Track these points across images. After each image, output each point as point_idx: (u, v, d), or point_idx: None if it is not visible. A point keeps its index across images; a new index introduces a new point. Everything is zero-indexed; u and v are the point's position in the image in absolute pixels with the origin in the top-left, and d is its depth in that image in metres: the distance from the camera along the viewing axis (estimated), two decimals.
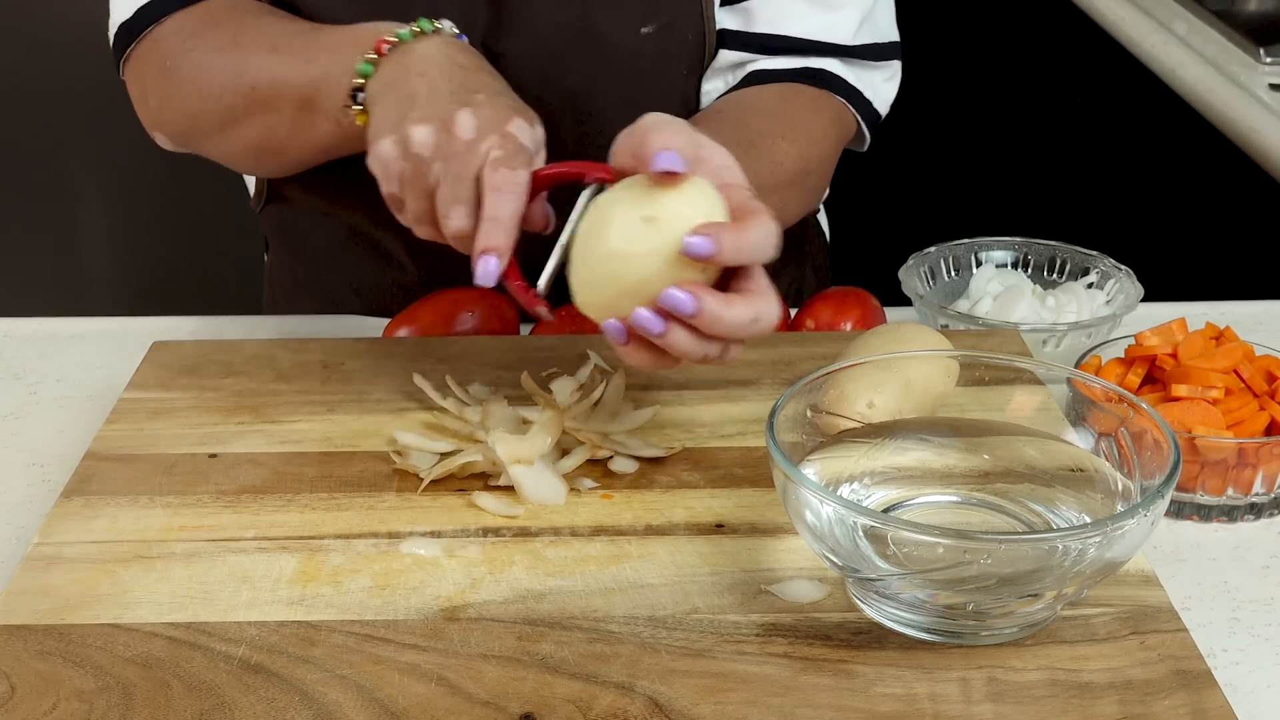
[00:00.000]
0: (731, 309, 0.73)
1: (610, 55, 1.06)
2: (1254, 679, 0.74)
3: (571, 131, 1.08)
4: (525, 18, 1.05)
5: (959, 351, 0.86)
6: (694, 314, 0.72)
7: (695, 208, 0.73)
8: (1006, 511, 0.76)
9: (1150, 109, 1.80)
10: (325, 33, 0.96)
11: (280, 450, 0.87)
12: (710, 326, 0.73)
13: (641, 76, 1.08)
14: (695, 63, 1.09)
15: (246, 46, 0.99)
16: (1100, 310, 1.06)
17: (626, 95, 1.08)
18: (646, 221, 0.73)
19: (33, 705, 0.67)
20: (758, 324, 0.74)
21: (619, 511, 0.81)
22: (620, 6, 1.05)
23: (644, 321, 0.73)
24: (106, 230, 2.55)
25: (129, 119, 1.06)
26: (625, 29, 1.06)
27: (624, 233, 0.73)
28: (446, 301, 1.05)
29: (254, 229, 1.31)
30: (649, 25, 1.05)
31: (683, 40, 1.07)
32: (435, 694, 0.68)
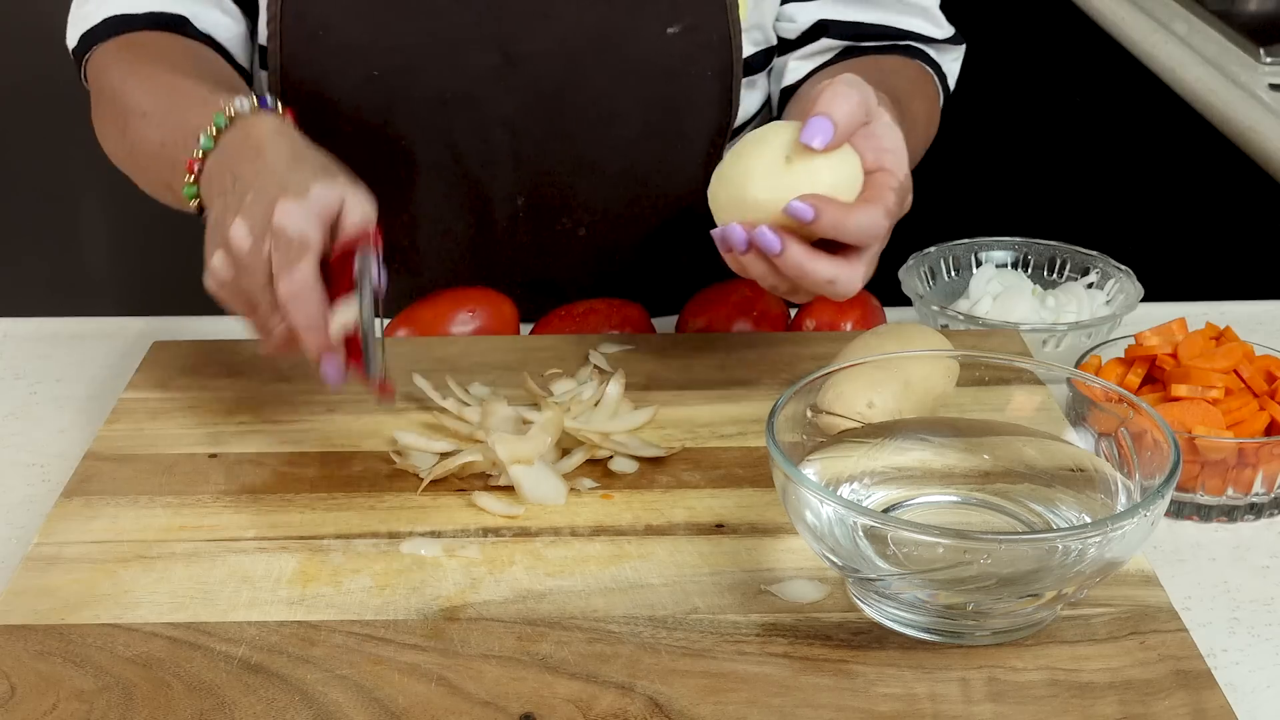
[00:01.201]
0: (814, 263, 0.81)
1: (633, 57, 1.07)
2: (1254, 679, 0.74)
3: (592, 131, 1.09)
4: (547, 20, 1.05)
5: (959, 351, 0.86)
6: (776, 255, 0.81)
7: (830, 173, 0.81)
8: (1006, 511, 0.76)
9: (1150, 109, 1.80)
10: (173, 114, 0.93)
11: (280, 450, 0.87)
12: (789, 270, 0.81)
13: (667, 78, 1.08)
14: (723, 65, 1.08)
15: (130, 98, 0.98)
16: (1100, 310, 1.06)
17: (650, 96, 1.08)
18: (786, 160, 0.81)
19: (33, 705, 0.67)
20: (833, 286, 0.82)
21: (619, 511, 0.81)
22: (644, 8, 1.05)
23: (732, 234, 0.82)
24: (106, 230, 2.55)
25: None
26: (649, 30, 1.06)
27: (766, 160, 0.82)
28: (446, 301, 1.05)
29: None
30: (674, 26, 1.06)
31: (707, 42, 1.07)
32: (435, 694, 0.68)
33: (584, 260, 1.16)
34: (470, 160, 1.10)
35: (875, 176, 0.83)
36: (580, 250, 1.15)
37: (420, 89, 1.06)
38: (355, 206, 0.80)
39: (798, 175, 0.81)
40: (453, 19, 1.04)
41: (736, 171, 0.83)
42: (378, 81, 1.06)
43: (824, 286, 0.82)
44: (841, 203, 0.80)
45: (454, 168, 1.10)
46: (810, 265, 0.81)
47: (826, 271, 0.81)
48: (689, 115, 1.10)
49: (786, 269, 0.81)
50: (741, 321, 1.04)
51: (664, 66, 1.07)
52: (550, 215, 1.13)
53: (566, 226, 1.14)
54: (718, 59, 1.08)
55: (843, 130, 0.81)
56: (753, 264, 0.83)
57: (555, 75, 1.06)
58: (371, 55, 1.05)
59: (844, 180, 0.81)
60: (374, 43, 1.05)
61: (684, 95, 1.09)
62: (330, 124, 1.08)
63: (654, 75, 1.07)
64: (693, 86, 1.09)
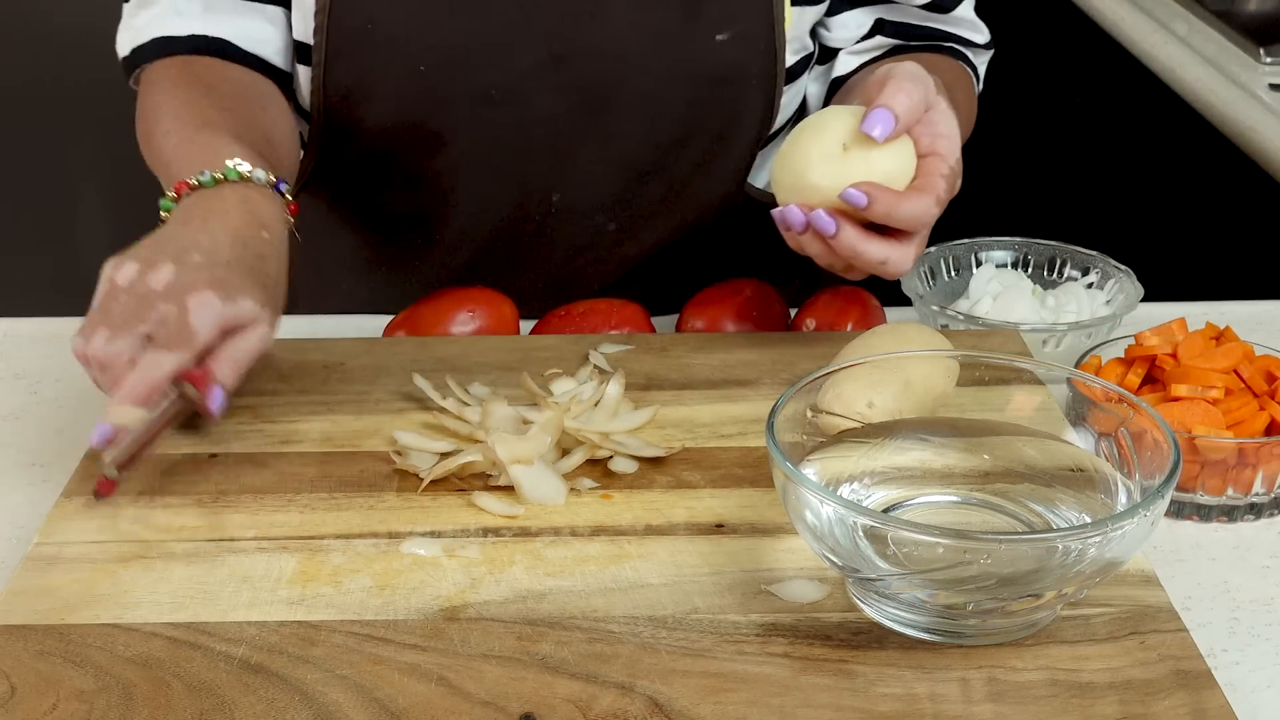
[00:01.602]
0: (867, 245, 0.87)
1: (682, 60, 1.07)
2: (1254, 679, 0.74)
3: (634, 132, 1.10)
4: (596, 19, 1.05)
5: (959, 351, 0.86)
6: (831, 236, 0.87)
7: (884, 161, 0.87)
8: (1006, 511, 0.76)
9: (1150, 109, 1.80)
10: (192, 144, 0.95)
11: (280, 450, 0.87)
12: (843, 251, 0.87)
13: (713, 83, 1.09)
14: (768, 73, 1.09)
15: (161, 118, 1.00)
16: (1100, 310, 1.06)
17: (695, 100, 1.09)
18: (844, 147, 0.87)
19: (33, 705, 0.67)
20: (885, 266, 0.88)
21: (619, 511, 0.81)
22: (696, 13, 1.06)
23: (791, 215, 0.88)
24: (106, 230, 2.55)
25: (129, 120, 1.06)
26: (700, 36, 1.06)
27: (825, 145, 0.87)
28: (446, 301, 1.05)
29: None
30: (723, 33, 1.07)
31: (754, 50, 1.08)
32: (435, 694, 0.68)
33: (610, 256, 1.17)
34: (509, 155, 1.10)
35: (927, 161, 0.88)
36: (608, 245, 1.16)
37: (465, 84, 1.06)
38: (255, 339, 0.83)
39: (854, 162, 0.86)
40: (501, 15, 1.04)
41: (796, 156, 0.88)
42: (423, 77, 1.06)
43: (876, 266, 0.88)
44: (894, 191, 0.86)
45: (492, 162, 1.11)
46: (863, 247, 0.87)
47: (879, 253, 0.87)
48: (731, 121, 1.11)
49: (841, 249, 0.87)
50: (741, 321, 1.04)
51: (711, 72, 1.08)
52: (583, 212, 1.14)
53: (598, 222, 1.14)
54: (763, 67, 1.09)
55: (903, 124, 0.86)
56: (810, 243, 0.89)
57: (601, 75, 1.07)
58: (419, 51, 1.05)
59: (897, 168, 0.87)
60: (422, 38, 1.05)
61: (729, 101, 1.10)
62: (370, 117, 1.09)
63: (701, 80, 1.08)
64: (738, 93, 1.10)
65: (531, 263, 1.16)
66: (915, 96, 0.87)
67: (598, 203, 1.14)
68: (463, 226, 1.15)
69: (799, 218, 0.87)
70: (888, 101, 0.86)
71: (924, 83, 0.88)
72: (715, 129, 1.11)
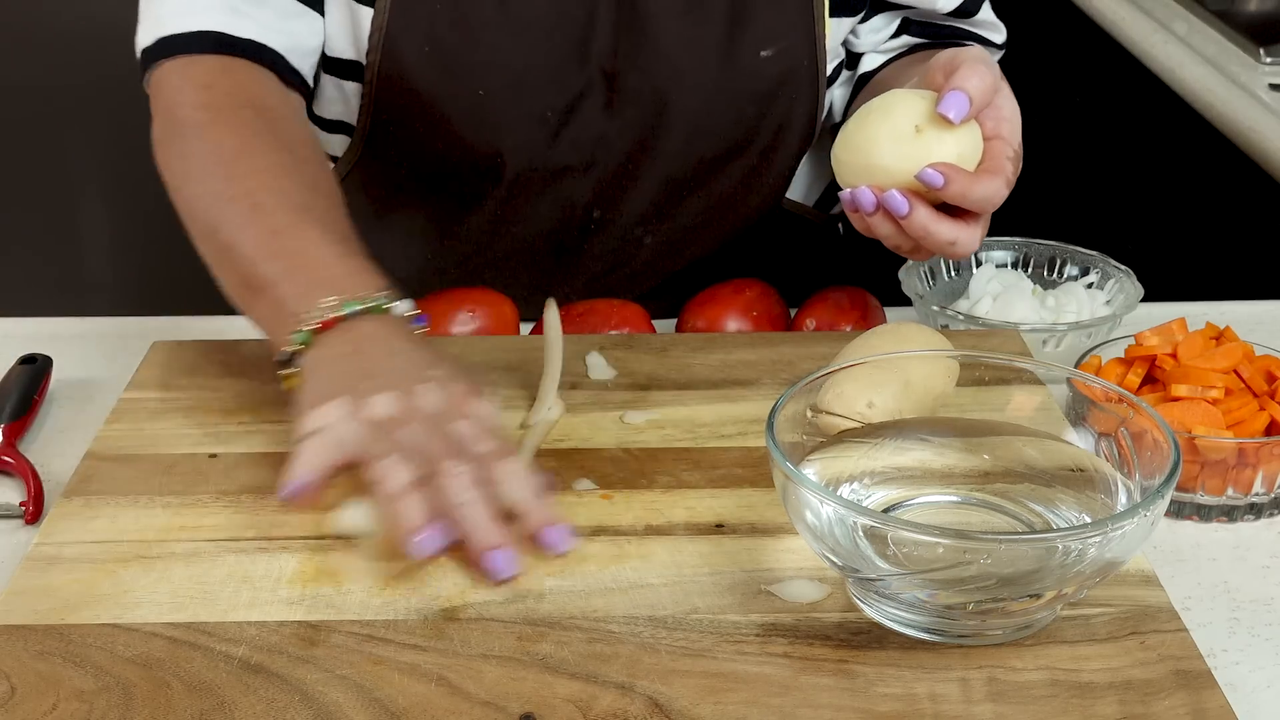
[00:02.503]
0: (937, 225, 0.87)
1: (728, 78, 1.08)
2: (1254, 679, 0.74)
3: (681, 150, 1.10)
4: (646, 39, 1.06)
5: (959, 351, 0.86)
6: (903, 217, 0.87)
7: (956, 143, 0.87)
8: (1006, 511, 0.76)
9: (1150, 109, 1.79)
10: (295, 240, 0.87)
11: (280, 450, 0.87)
12: (914, 231, 0.87)
13: (758, 99, 1.09)
14: (812, 87, 1.10)
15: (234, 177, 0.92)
16: (1100, 310, 1.06)
17: (740, 117, 1.10)
18: (916, 129, 0.87)
19: (33, 705, 0.67)
20: (954, 247, 0.88)
21: (619, 511, 0.81)
22: (741, 30, 1.06)
23: (862, 197, 0.87)
24: (106, 230, 2.55)
25: (129, 120, 1.06)
26: (745, 53, 1.07)
27: (895, 126, 0.87)
28: (446, 301, 1.05)
29: None
30: (768, 49, 1.07)
31: (798, 65, 1.09)
32: (435, 694, 0.68)
33: (645, 269, 1.17)
34: (556, 173, 1.11)
35: (993, 144, 0.89)
36: (645, 259, 1.17)
37: (522, 107, 1.07)
38: None
39: (928, 144, 0.86)
40: (556, 37, 1.05)
41: (863, 138, 0.88)
42: (481, 100, 1.06)
43: (945, 247, 0.88)
44: (968, 172, 0.86)
45: (539, 179, 1.11)
46: (935, 227, 0.87)
47: (949, 234, 0.88)
48: (776, 135, 1.12)
49: (912, 230, 0.87)
50: (741, 321, 1.04)
51: (756, 88, 1.09)
52: (623, 226, 1.14)
53: (636, 235, 1.15)
54: (807, 81, 1.09)
55: (976, 106, 0.87)
56: (879, 224, 0.88)
57: (649, 94, 1.07)
58: (479, 73, 1.05)
59: (968, 150, 0.87)
60: (482, 61, 1.05)
61: (774, 116, 1.11)
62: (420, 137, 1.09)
63: (746, 96, 1.09)
64: (782, 108, 1.10)
65: (565, 276, 1.17)
66: (987, 80, 0.87)
67: (636, 217, 1.14)
68: (500, 242, 1.15)
69: (870, 199, 0.87)
70: (962, 84, 0.86)
71: (993, 67, 0.89)
72: (760, 144, 1.12)
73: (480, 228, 1.15)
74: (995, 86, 0.89)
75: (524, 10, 1.04)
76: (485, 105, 1.06)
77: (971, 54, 0.89)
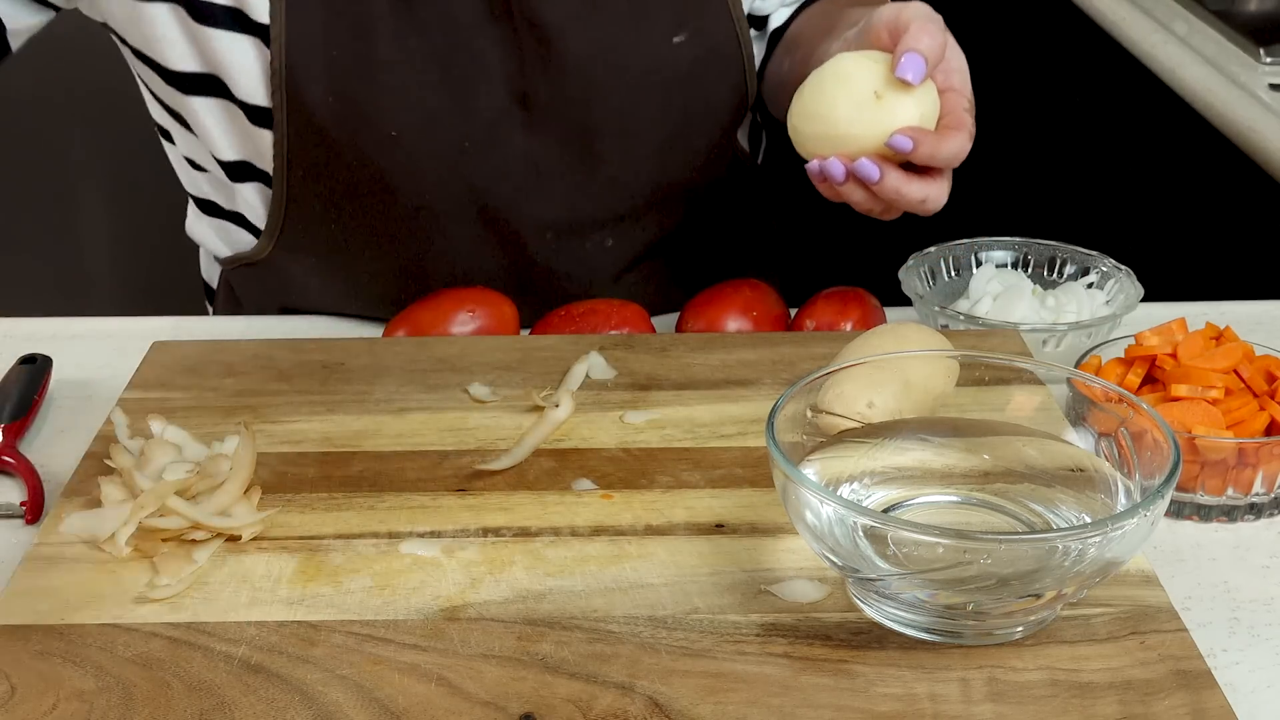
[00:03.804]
0: (909, 185, 0.89)
1: (645, 70, 1.07)
2: (1254, 679, 0.74)
3: (614, 150, 1.10)
4: (552, 48, 1.05)
5: (959, 351, 0.86)
6: (875, 183, 0.88)
7: (916, 105, 0.88)
8: (1006, 511, 0.76)
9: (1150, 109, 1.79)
10: None
11: (280, 450, 0.87)
12: (885, 194, 0.89)
13: (680, 86, 1.09)
14: (734, 64, 1.09)
15: None
16: (1100, 310, 1.06)
17: (667, 106, 1.09)
18: (876, 95, 0.88)
19: (33, 705, 0.67)
20: (925, 204, 0.90)
21: (619, 511, 0.81)
22: (649, 21, 1.06)
23: (831, 168, 0.89)
24: (106, 230, 2.55)
25: (129, 120, 1.06)
26: (657, 42, 1.07)
27: (854, 95, 0.88)
28: (446, 301, 1.05)
29: None
30: (679, 35, 1.07)
31: (715, 45, 1.08)
32: (435, 694, 0.68)
33: (610, 265, 1.17)
34: (496, 201, 1.10)
35: (948, 98, 0.90)
36: (610, 260, 1.17)
37: (440, 139, 1.06)
38: None
39: (890, 108, 0.87)
40: (460, 67, 1.04)
41: (823, 107, 0.89)
42: (394, 141, 1.05)
43: (917, 205, 0.90)
44: (934, 134, 0.88)
45: (480, 211, 1.10)
46: (906, 189, 0.89)
47: (919, 192, 0.90)
48: (707, 118, 1.11)
49: (884, 194, 0.89)
50: (741, 321, 1.04)
51: (675, 76, 1.08)
52: (581, 235, 1.14)
53: (595, 240, 1.15)
54: (729, 60, 1.08)
55: (932, 64, 0.88)
56: (851, 191, 0.90)
57: (569, 102, 1.07)
58: (388, 114, 1.04)
59: (929, 109, 0.89)
60: (389, 103, 1.04)
61: (700, 100, 1.10)
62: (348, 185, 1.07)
63: (667, 85, 1.08)
64: (708, 90, 1.10)
65: (538, 289, 1.16)
66: (938, 38, 0.88)
67: (593, 223, 1.14)
68: (458, 271, 1.14)
69: (840, 170, 0.89)
70: (914, 44, 0.87)
71: (937, 20, 0.89)
72: (693, 130, 1.11)
73: (424, 260, 1.13)
74: (944, 42, 0.89)
75: (421, 44, 1.03)
76: (399, 145, 1.05)
77: (915, 10, 0.89)
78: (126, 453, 0.82)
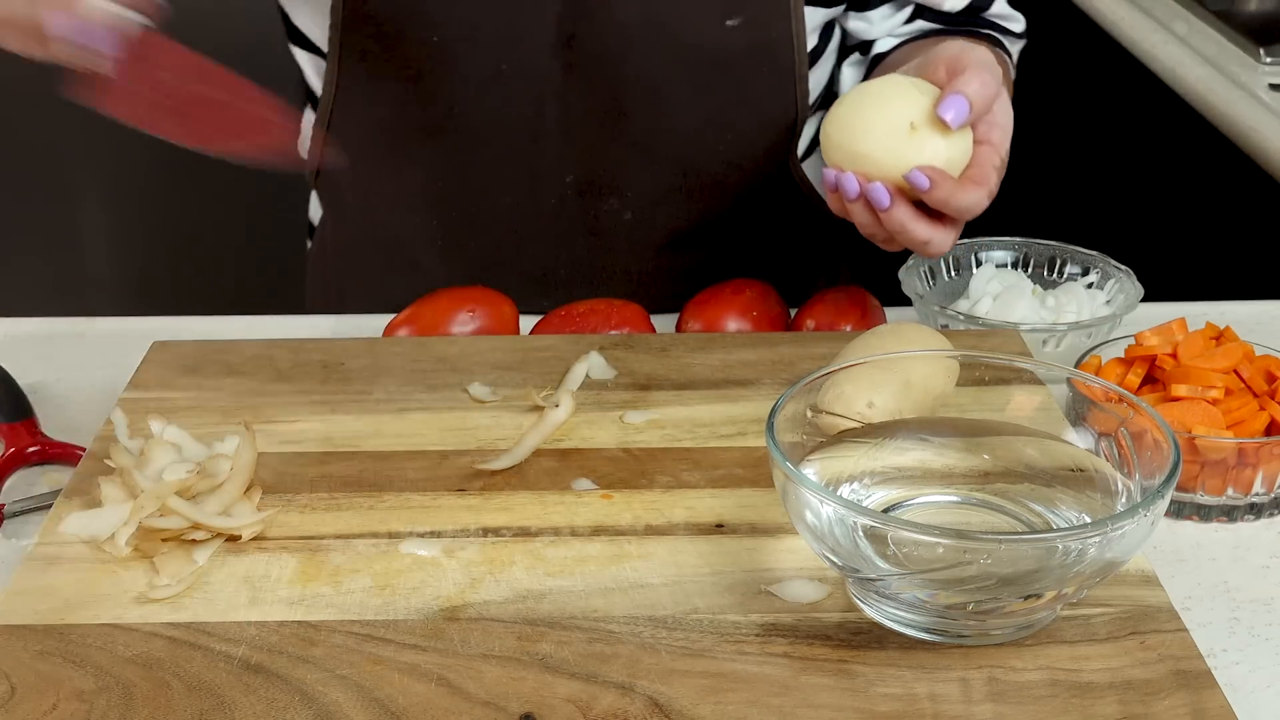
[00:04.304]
0: (914, 224, 0.89)
1: (689, 45, 1.07)
2: (1254, 679, 0.74)
3: (646, 116, 1.10)
4: (603, 8, 1.06)
5: (959, 351, 0.86)
6: (883, 210, 0.88)
7: (947, 147, 0.88)
8: (1006, 511, 0.76)
9: (1150, 109, 1.80)
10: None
11: (280, 450, 0.87)
12: (890, 225, 0.89)
13: (723, 69, 1.08)
14: (784, 63, 1.09)
15: None
16: (1100, 310, 1.06)
17: (706, 86, 1.09)
18: (911, 126, 0.87)
19: (33, 705, 0.67)
20: (927, 246, 0.91)
21: (619, 511, 0.81)
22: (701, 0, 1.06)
23: (846, 183, 0.89)
24: (106, 230, 2.55)
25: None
26: (707, 20, 1.06)
27: (890, 120, 0.88)
28: (446, 301, 1.05)
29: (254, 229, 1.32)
30: (733, 19, 1.07)
31: (767, 37, 1.08)
32: (435, 694, 0.68)
33: (627, 245, 1.17)
34: (522, 134, 1.10)
35: (981, 151, 0.90)
36: (625, 235, 1.16)
37: (478, 57, 1.07)
38: None
39: (919, 143, 0.87)
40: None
41: (857, 123, 0.89)
42: (436, 47, 1.06)
43: (919, 245, 0.90)
44: (953, 179, 0.88)
45: (506, 141, 1.11)
46: (911, 225, 0.89)
47: (924, 233, 0.90)
48: (745, 109, 1.11)
49: (889, 224, 0.89)
50: (741, 321, 1.04)
51: (720, 58, 1.08)
52: (598, 196, 1.14)
53: (614, 208, 1.14)
54: (778, 56, 1.08)
55: (975, 112, 0.87)
56: (858, 212, 0.90)
57: (610, 56, 1.07)
58: (432, 20, 1.05)
59: (958, 155, 0.88)
60: (436, 8, 1.05)
61: (741, 88, 1.10)
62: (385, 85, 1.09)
63: (710, 65, 1.08)
64: (751, 81, 1.09)
65: (550, 249, 1.16)
66: (990, 89, 0.88)
67: (610, 187, 1.14)
68: (480, 206, 1.15)
69: (854, 187, 0.88)
70: (964, 88, 0.87)
71: (995, 74, 0.89)
72: (729, 117, 1.11)
73: (449, 193, 1.14)
74: (996, 94, 0.89)
75: None
76: (437, 53, 1.06)
77: (978, 57, 0.89)
78: (126, 453, 0.82)
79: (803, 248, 1.25)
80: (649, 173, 1.13)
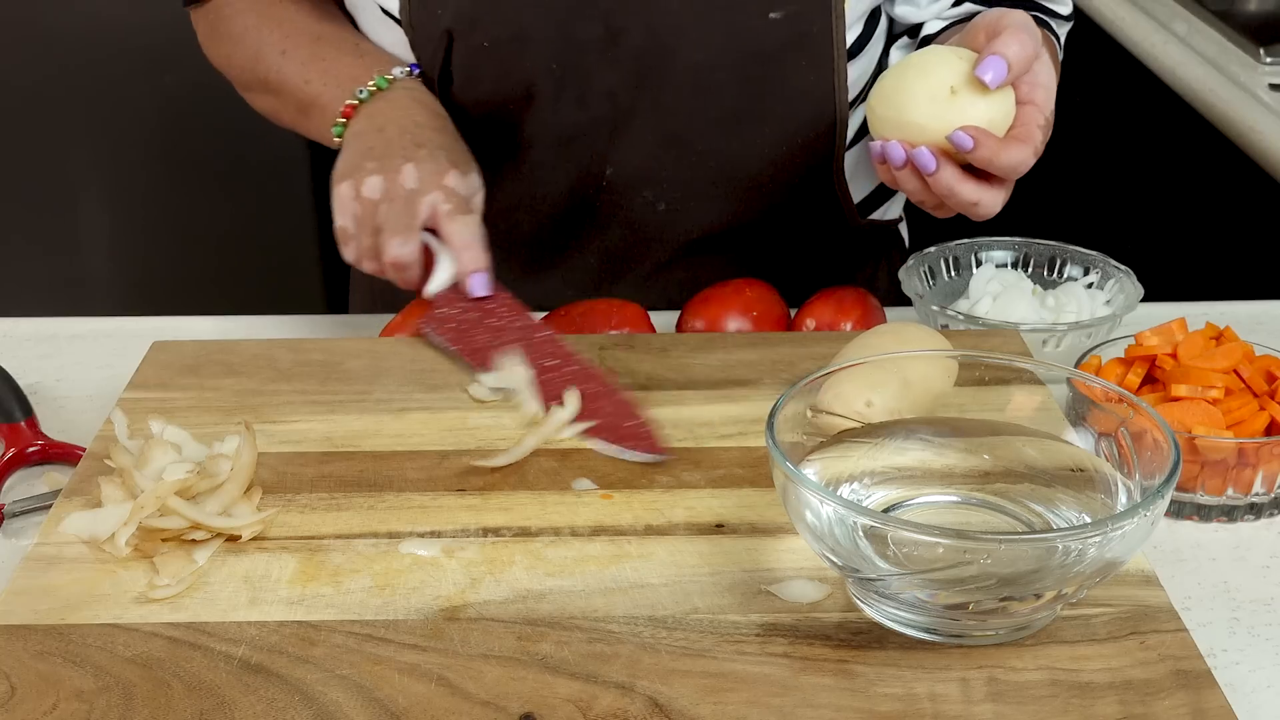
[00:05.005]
0: (961, 186, 0.90)
1: (731, 36, 1.08)
2: (1254, 679, 0.74)
3: (686, 107, 1.10)
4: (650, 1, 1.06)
5: (959, 351, 0.86)
6: (930, 174, 0.90)
7: (989, 107, 0.89)
8: (1006, 511, 0.76)
9: (1150, 109, 1.80)
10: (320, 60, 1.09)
11: (280, 450, 0.87)
12: (939, 189, 0.90)
13: (763, 61, 1.09)
14: (822, 56, 1.09)
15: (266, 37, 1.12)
16: (1100, 310, 1.06)
17: (745, 78, 1.09)
18: (951, 90, 0.89)
19: (33, 705, 0.67)
20: (977, 208, 0.91)
21: (619, 511, 0.81)
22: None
23: (892, 151, 0.91)
24: (106, 230, 2.55)
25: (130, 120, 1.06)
26: (750, 12, 1.07)
27: (931, 86, 0.89)
28: None
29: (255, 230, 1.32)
30: (777, 11, 1.07)
31: (808, 31, 1.08)
32: (435, 694, 0.68)
33: (662, 236, 1.17)
34: (567, 131, 1.11)
35: (1025, 110, 0.90)
36: (657, 225, 1.16)
37: (529, 59, 1.08)
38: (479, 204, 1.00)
39: (961, 106, 0.88)
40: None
41: (900, 93, 0.90)
42: (487, 53, 1.07)
43: (968, 207, 0.91)
44: (997, 138, 0.88)
45: (550, 137, 1.12)
46: (959, 187, 0.90)
47: (973, 194, 0.90)
48: (782, 102, 1.11)
49: (937, 188, 0.90)
50: (741, 321, 1.04)
51: (761, 50, 1.08)
52: (634, 187, 1.14)
53: (648, 199, 1.15)
54: (817, 49, 1.09)
55: (1015, 72, 0.88)
56: (906, 179, 0.91)
57: (654, 49, 1.08)
58: (485, 26, 1.07)
59: (1000, 115, 0.89)
60: (487, 15, 1.06)
61: (779, 81, 1.10)
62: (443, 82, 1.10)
63: (752, 58, 1.09)
64: (789, 75, 1.10)
65: (584, 241, 1.17)
66: (1028, 48, 0.88)
67: (647, 178, 1.14)
68: (517, 203, 1.15)
69: (900, 154, 0.90)
70: (1002, 49, 0.88)
71: (1034, 34, 0.89)
72: (766, 110, 1.11)
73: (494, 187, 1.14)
74: (1035, 54, 0.89)
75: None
76: (489, 58, 1.07)
77: (1015, 19, 0.89)
78: (126, 453, 0.82)
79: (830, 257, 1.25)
80: (686, 165, 1.13)
